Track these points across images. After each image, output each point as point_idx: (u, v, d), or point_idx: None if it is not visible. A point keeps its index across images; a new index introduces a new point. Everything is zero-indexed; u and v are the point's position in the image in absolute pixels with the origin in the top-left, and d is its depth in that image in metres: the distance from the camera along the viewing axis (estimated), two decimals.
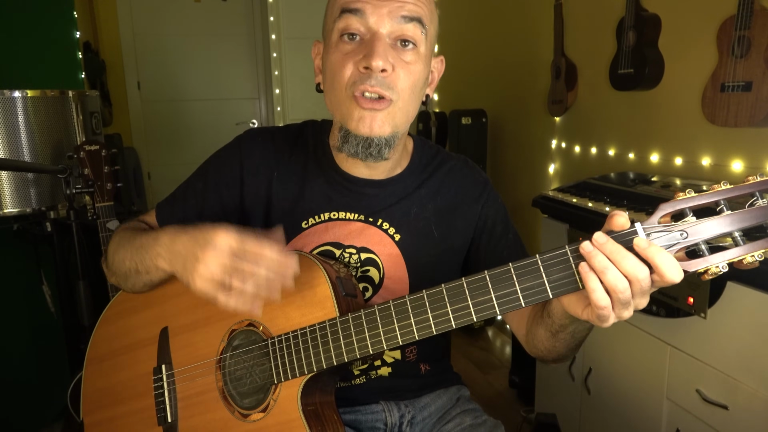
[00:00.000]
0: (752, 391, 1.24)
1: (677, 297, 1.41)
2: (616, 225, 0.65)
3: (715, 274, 0.63)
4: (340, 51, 0.87)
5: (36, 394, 2.22)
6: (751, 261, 0.62)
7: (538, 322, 0.88)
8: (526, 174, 3.02)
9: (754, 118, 1.54)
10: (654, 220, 0.64)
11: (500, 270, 0.71)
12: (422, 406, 1.05)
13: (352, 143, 0.89)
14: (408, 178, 1.02)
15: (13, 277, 2.16)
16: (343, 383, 1.00)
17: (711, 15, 1.71)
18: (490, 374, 2.74)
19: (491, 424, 1.02)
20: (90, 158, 1.67)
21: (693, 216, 0.63)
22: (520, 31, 2.94)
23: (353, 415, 1.01)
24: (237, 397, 0.90)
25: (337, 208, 0.99)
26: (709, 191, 0.63)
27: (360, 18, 0.85)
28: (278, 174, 1.00)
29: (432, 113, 3.71)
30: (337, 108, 0.90)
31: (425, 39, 0.88)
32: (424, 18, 0.87)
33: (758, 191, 0.61)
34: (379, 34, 0.84)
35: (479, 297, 0.72)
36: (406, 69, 0.87)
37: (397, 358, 1.03)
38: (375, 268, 0.99)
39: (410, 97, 0.89)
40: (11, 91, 1.70)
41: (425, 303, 0.76)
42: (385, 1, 0.84)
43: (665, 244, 0.63)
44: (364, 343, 0.80)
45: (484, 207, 1.05)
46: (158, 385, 0.96)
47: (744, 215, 0.62)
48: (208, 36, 4.19)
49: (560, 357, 0.90)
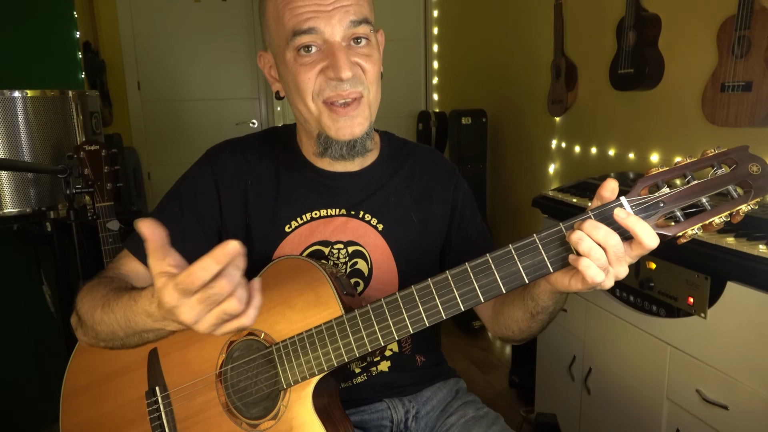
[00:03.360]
0: (752, 391, 1.24)
1: (677, 297, 1.41)
2: (606, 189, 0.73)
3: (691, 237, 0.72)
4: (300, 64, 0.89)
5: (36, 394, 2.22)
6: (719, 222, 0.71)
7: (516, 305, 0.92)
8: (526, 174, 3.02)
9: (754, 118, 1.54)
10: (636, 192, 0.72)
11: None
12: (425, 400, 1.06)
13: (335, 149, 0.93)
14: (381, 168, 1.04)
15: (13, 277, 2.16)
16: (345, 384, 1.00)
17: (711, 15, 1.71)
18: (490, 374, 2.74)
19: (493, 416, 1.04)
20: (90, 158, 1.67)
21: (667, 187, 0.72)
22: (520, 31, 2.94)
23: (359, 416, 1.01)
24: (243, 409, 0.88)
25: (317, 206, 1.00)
26: (677, 165, 0.73)
27: (314, 34, 0.87)
28: (251, 183, 1.00)
29: (432, 113, 3.71)
30: (310, 117, 0.93)
31: (373, 31, 0.93)
32: (368, 15, 0.91)
33: (717, 162, 0.72)
34: (336, 44, 0.87)
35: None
36: (368, 61, 0.91)
37: (395, 351, 1.04)
38: (363, 260, 1.00)
39: (377, 84, 0.94)
40: (11, 91, 1.70)
41: (434, 290, 0.78)
42: (333, 12, 0.86)
43: (648, 213, 0.71)
44: (375, 336, 0.80)
45: (455, 191, 1.08)
46: (153, 409, 0.92)
47: (708, 183, 0.71)
48: (208, 36, 4.18)
49: (530, 336, 0.96)
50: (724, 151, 0.72)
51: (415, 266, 1.01)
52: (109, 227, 1.67)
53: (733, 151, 0.71)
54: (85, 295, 0.91)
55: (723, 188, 0.71)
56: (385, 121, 3.92)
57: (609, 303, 1.67)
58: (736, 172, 0.71)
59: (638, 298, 1.55)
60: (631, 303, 1.58)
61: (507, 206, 3.26)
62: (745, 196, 0.70)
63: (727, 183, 0.71)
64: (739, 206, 0.70)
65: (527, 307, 0.89)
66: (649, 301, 1.51)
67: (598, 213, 0.72)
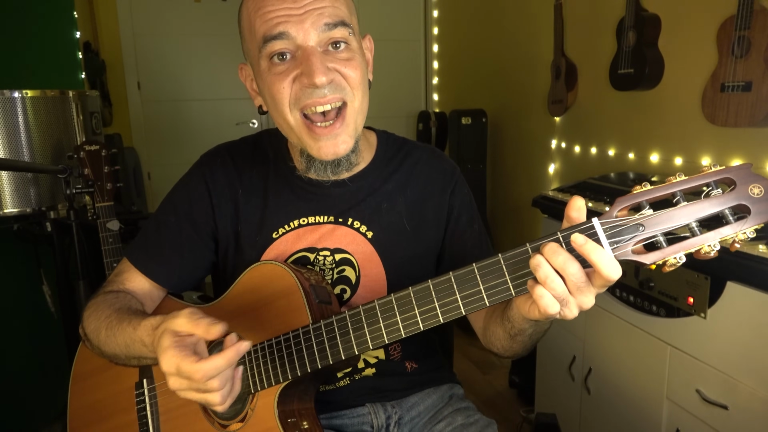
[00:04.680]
0: (752, 391, 1.24)
1: (677, 297, 1.41)
2: (573, 209, 0.66)
3: (674, 266, 0.64)
4: (273, 73, 0.85)
5: (36, 394, 2.22)
6: (708, 250, 0.62)
7: (497, 323, 0.89)
8: (526, 174, 3.02)
9: (754, 118, 1.54)
10: (612, 213, 0.64)
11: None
12: (410, 406, 1.04)
13: (318, 167, 0.91)
14: (373, 173, 1.01)
15: (13, 277, 2.16)
16: (327, 386, 1.00)
17: (711, 15, 1.71)
18: (490, 374, 2.74)
19: (483, 423, 1.01)
20: (90, 158, 1.67)
21: (650, 208, 0.63)
22: (520, 31, 2.95)
23: (339, 420, 1.01)
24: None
25: (305, 214, 0.98)
26: (665, 183, 0.64)
27: (285, 40, 0.83)
28: (242, 191, 1.00)
29: (432, 113, 3.71)
30: (291, 132, 0.90)
31: (353, 34, 0.88)
32: (345, 17, 0.86)
33: (713, 181, 0.62)
34: (310, 49, 0.83)
35: (445, 298, 0.72)
36: (349, 65, 0.86)
37: (381, 358, 1.02)
38: (351, 267, 0.98)
39: (363, 90, 0.89)
40: (11, 91, 1.69)
41: (393, 307, 0.75)
42: (304, 15, 0.82)
43: (623, 237, 0.63)
44: (337, 349, 0.80)
45: (452, 196, 1.04)
46: (140, 400, 0.96)
47: (699, 206, 0.62)
48: (208, 36, 4.18)
49: (516, 355, 0.92)
50: (722, 169, 0.62)
51: (406, 274, 0.98)
52: (109, 227, 1.67)
53: (734, 170, 0.62)
54: (90, 314, 0.94)
55: (716, 211, 0.62)
56: (385, 121, 3.92)
57: (609, 303, 1.67)
58: (733, 194, 0.61)
59: (638, 298, 1.55)
60: (631, 303, 1.58)
61: (507, 206, 3.26)
62: (742, 221, 0.61)
63: (721, 206, 0.61)
64: (734, 233, 0.61)
65: (505, 328, 0.85)
66: (649, 301, 1.51)
67: (566, 235, 0.64)
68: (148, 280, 0.99)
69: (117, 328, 0.87)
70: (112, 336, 0.88)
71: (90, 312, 0.94)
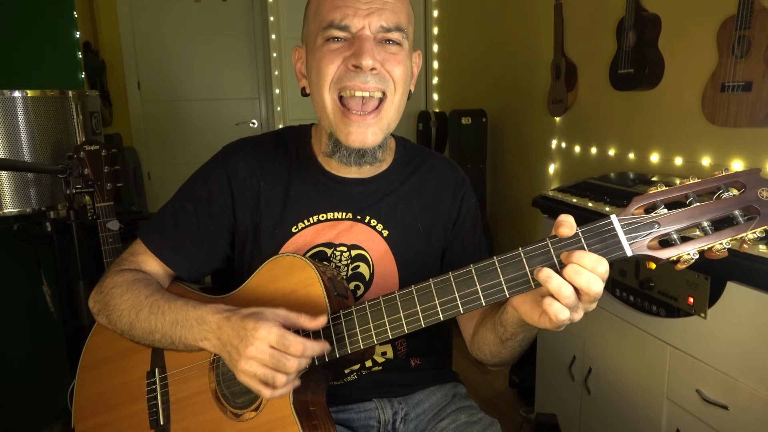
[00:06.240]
0: (752, 391, 1.24)
1: (677, 297, 1.41)
2: (566, 226, 0.69)
3: (687, 262, 0.68)
4: (327, 49, 0.90)
5: (36, 394, 2.22)
6: (720, 249, 0.66)
7: (488, 328, 0.92)
8: (526, 174, 3.02)
9: (754, 118, 1.54)
10: (629, 211, 0.68)
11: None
12: (416, 402, 1.06)
13: (344, 153, 0.93)
14: (392, 174, 1.04)
15: (13, 277, 2.16)
16: (336, 381, 1.01)
17: (711, 15, 1.71)
18: (490, 374, 2.74)
19: (486, 422, 1.02)
20: (90, 158, 1.67)
21: (665, 208, 0.68)
22: (520, 31, 2.95)
23: (346, 414, 1.02)
24: (230, 397, 0.91)
25: (325, 210, 1.00)
26: (679, 185, 0.68)
27: (346, 31, 0.89)
28: (264, 184, 1.01)
29: (432, 113, 3.71)
30: (324, 113, 0.93)
31: (407, 40, 0.93)
32: (403, 23, 0.91)
33: (724, 184, 0.67)
34: (365, 35, 0.88)
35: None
36: (395, 59, 0.91)
37: (389, 357, 1.04)
38: (365, 264, 1.00)
39: (403, 88, 0.93)
40: (11, 91, 1.70)
41: (414, 298, 0.79)
42: (368, 12, 0.88)
43: (639, 234, 0.67)
44: (355, 338, 0.82)
45: (461, 203, 1.08)
46: (151, 389, 0.97)
47: (711, 207, 0.67)
48: (208, 36, 4.19)
49: (502, 363, 0.95)
50: (732, 173, 0.67)
51: (417, 273, 1.00)
52: (109, 227, 1.67)
53: (743, 174, 0.67)
54: (123, 292, 0.94)
55: (727, 212, 0.66)
56: None
57: (609, 303, 1.67)
58: (743, 197, 0.66)
59: (638, 298, 1.56)
60: (631, 303, 1.58)
61: (507, 206, 3.26)
62: (750, 222, 0.65)
63: (732, 207, 0.66)
64: (744, 233, 0.65)
65: (497, 332, 0.89)
66: (649, 301, 1.51)
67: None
68: (162, 265, 1.00)
69: (166, 306, 0.90)
70: (159, 313, 0.90)
71: (121, 290, 0.94)
